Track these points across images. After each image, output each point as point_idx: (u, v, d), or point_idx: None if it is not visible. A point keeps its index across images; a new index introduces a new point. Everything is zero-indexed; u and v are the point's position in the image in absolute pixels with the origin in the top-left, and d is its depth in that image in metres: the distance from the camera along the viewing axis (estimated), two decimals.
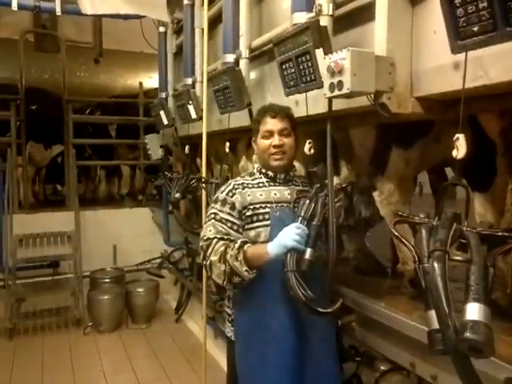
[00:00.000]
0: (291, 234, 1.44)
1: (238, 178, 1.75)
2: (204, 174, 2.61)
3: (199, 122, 2.78)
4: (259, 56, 2.24)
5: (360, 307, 1.70)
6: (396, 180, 1.81)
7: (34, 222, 4.20)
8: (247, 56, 2.20)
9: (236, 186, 1.68)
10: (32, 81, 4.96)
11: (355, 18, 1.60)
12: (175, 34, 3.56)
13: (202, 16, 2.64)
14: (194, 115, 2.80)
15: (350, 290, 1.77)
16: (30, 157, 4.92)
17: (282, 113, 1.71)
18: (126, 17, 3.44)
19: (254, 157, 2.00)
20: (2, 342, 3.61)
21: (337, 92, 1.37)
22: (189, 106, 2.81)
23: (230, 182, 1.74)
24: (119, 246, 4.44)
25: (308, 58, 1.53)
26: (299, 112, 1.79)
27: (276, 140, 1.66)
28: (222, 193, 1.68)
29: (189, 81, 2.94)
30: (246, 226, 1.63)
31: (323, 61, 1.46)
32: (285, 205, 1.66)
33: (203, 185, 2.49)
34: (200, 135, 2.76)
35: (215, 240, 1.59)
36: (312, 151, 1.74)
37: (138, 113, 5.16)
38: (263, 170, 1.72)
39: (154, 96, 4.91)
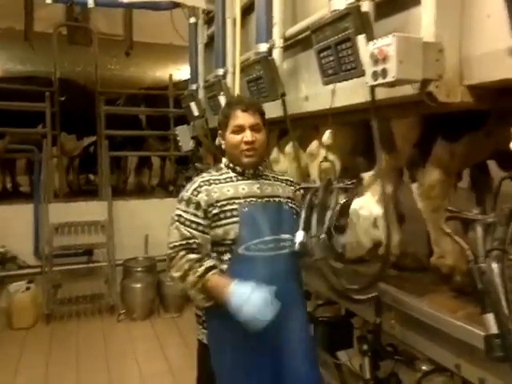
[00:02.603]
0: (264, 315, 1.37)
1: (205, 175, 1.65)
2: None
3: None
4: (293, 45, 2.17)
5: (400, 305, 1.63)
6: (438, 174, 1.71)
7: (69, 211, 4.27)
8: (281, 45, 2.13)
9: (201, 184, 1.58)
10: (65, 73, 5.03)
11: (398, 3, 1.51)
12: (206, 24, 3.50)
13: (234, 5, 2.58)
14: None
15: (389, 287, 1.69)
16: (62, 147, 5.01)
17: (254, 107, 1.63)
18: (157, 8, 3.40)
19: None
20: (39, 326, 3.72)
21: (380, 80, 1.29)
22: (220, 97, 2.77)
23: (195, 179, 1.63)
24: (150, 235, 4.47)
25: (349, 45, 1.45)
26: (336, 102, 1.72)
27: (248, 136, 1.57)
28: (186, 192, 1.59)
29: (220, 71, 2.89)
30: (213, 224, 1.54)
31: (365, 48, 1.38)
32: (254, 199, 1.57)
33: None
34: None
35: (180, 254, 1.51)
36: (330, 141, 1.68)
37: (167, 105, 5.16)
38: (231, 165, 1.64)
39: (182, 88, 4.89)
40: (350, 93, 1.61)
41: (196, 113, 3.39)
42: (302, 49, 2.11)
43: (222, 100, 2.73)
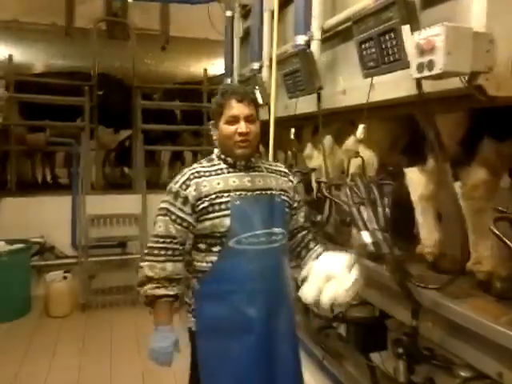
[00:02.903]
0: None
1: (195, 166, 1.60)
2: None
3: (265, 107, 2.72)
4: (332, 37, 2.12)
5: (439, 308, 1.56)
6: (483, 173, 1.63)
7: (105, 203, 4.38)
8: (319, 37, 2.09)
9: (191, 177, 1.53)
10: (103, 68, 5.14)
11: None
12: (242, 18, 3.48)
13: None
14: (260, 101, 2.72)
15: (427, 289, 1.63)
16: (100, 140, 5.14)
17: (249, 97, 1.58)
18: (195, 2, 3.41)
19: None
20: (75, 314, 3.84)
21: (426, 72, 1.23)
22: (255, 91, 2.75)
23: (184, 171, 1.58)
24: None
25: (392, 35, 1.39)
26: (375, 96, 1.66)
27: (243, 127, 1.51)
28: (175, 184, 1.54)
29: (256, 65, 2.87)
30: (202, 218, 1.51)
31: (410, 38, 1.32)
32: (243, 193, 1.53)
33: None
34: (265, 122, 2.69)
35: (161, 259, 1.53)
36: (363, 136, 1.63)
37: (201, 99, 5.18)
38: (222, 156, 1.59)
39: (216, 83, 4.91)
40: (392, 86, 1.55)
41: None
42: (341, 41, 2.05)
43: (258, 94, 2.71)
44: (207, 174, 1.55)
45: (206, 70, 5.30)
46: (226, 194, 1.51)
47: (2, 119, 3.50)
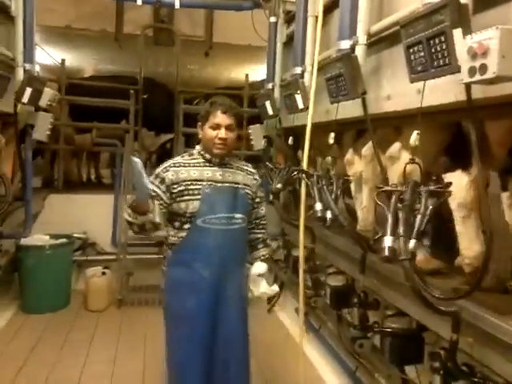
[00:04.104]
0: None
1: (177, 158, 1.99)
2: (305, 167, 2.52)
3: (305, 112, 2.71)
4: (377, 42, 2.09)
5: (481, 323, 1.49)
6: None
7: None
8: (364, 42, 2.06)
9: (172, 165, 1.93)
10: (148, 72, 5.29)
11: None
12: (286, 23, 3.51)
13: (317, 3, 2.55)
14: (301, 105, 2.73)
15: (468, 302, 1.56)
16: (142, 142, 5.28)
17: (232, 110, 1.93)
18: (240, 8, 3.46)
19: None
20: (112, 310, 3.94)
21: (478, 77, 1.19)
22: (296, 96, 2.75)
23: (169, 160, 1.97)
24: None
25: (443, 39, 1.35)
26: (423, 101, 1.61)
27: (222, 134, 1.89)
28: (159, 168, 1.95)
29: (298, 70, 2.87)
30: (178, 199, 1.89)
31: (461, 42, 1.28)
32: (214, 183, 1.92)
33: (303, 176, 2.41)
34: (304, 126, 2.68)
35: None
36: (418, 143, 1.59)
37: (241, 105, 5.23)
38: (202, 152, 1.97)
39: (256, 88, 4.94)
40: (440, 91, 1.51)
41: (270, 112, 3.40)
42: (387, 46, 2.02)
43: (299, 99, 2.71)
44: (186, 164, 1.94)
45: (247, 75, 5.35)
46: (199, 183, 1.90)
47: (53, 120, 3.65)
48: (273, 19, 3.54)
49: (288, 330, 3.63)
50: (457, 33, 1.32)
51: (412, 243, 1.43)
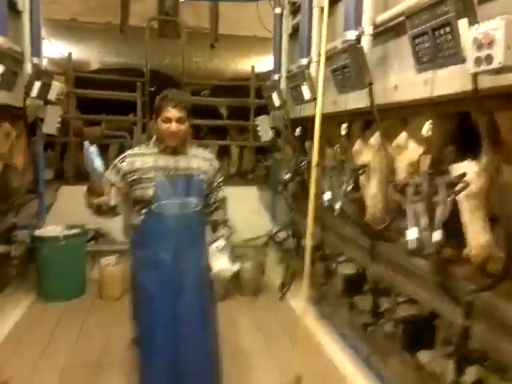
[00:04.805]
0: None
1: (135, 148, 2.10)
2: (315, 157, 2.53)
3: (312, 103, 2.72)
4: (383, 32, 2.10)
5: (493, 310, 1.52)
6: None
7: None
8: (370, 32, 2.07)
9: (128, 156, 2.04)
10: (154, 65, 5.30)
11: None
12: (291, 14, 3.50)
13: None
14: (307, 96, 2.75)
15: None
16: (150, 134, 5.32)
17: (182, 104, 2.00)
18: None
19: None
20: (125, 298, 3.91)
21: (484, 67, 1.21)
22: (303, 87, 2.76)
23: (127, 151, 2.10)
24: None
25: (448, 30, 1.37)
26: (428, 92, 1.63)
27: (173, 127, 1.98)
28: (116, 159, 2.07)
29: (304, 61, 2.89)
30: (135, 186, 1.99)
31: (467, 32, 1.30)
32: (167, 171, 2.02)
33: (316, 167, 2.43)
34: (312, 117, 2.69)
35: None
36: (430, 133, 1.60)
37: (247, 96, 5.23)
38: (157, 143, 2.07)
39: (263, 79, 4.94)
40: (447, 81, 1.52)
41: (277, 103, 3.42)
42: (393, 36, 2.03)
43: (305, 90, 2.73)
44: (141, 155, 2.05)
45: (253, 66, 5.33)
46: (153, 171, 2.01)
47: (62, 113, 3.69)
48: (278, 10, 3.54)
49: (299, 317, 3.68)
50: (462, 23, 1.33)
51: (437, 235, 1.43)
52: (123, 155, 2.08)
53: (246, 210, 4.82)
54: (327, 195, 2.35)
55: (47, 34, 4.40)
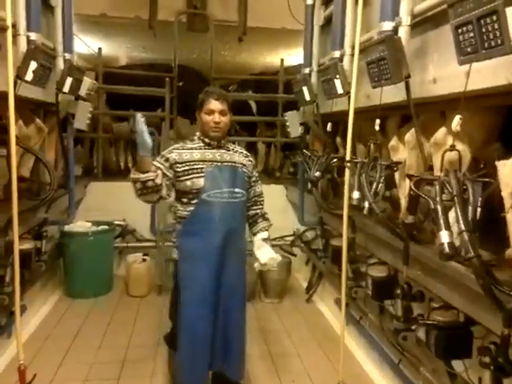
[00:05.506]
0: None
1: (179, 144, 2.29)
2: (348, 154, 2.48)
3: (345, 97, 2.67)
4: (421, 23, 2.02)
5: None
6: None
7: None
8: (408, 23, 2.00)
9: (175, 148, 2.24)
10: (182, 60, 5.32)
11: None
12: (323, 5, 3.44)
13: None
14: (340, 90, 2.70)
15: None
16: (178, 130, 5.36)
17: (223, 97, 2.25)
18: None
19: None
20: (152, 295, 4.09)
21: None
22: (335, 81, 2.71)
23: (174, 145, 2.30)
24: None
25: (494, 18, 1.30)
26: (471, 84, 1.56)
27: (216, 118, 2.20)
28: (164, 151, 2.25)
29: (337, 54, 2.83)
30: (183, 178, 2.17)
31: None
32: (215, 163, 2.21)
33: (348, 164, 2.38)
34: (344, 112, 2.64)
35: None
36: (459, 128, 1.54)
37: (276, 91, 5.19)
38: (201, 137, 2.27)
39: (292, 73, 4.89)
40: (492, 73, 1.45)
41: (308, 97, 3.37)
42: (432, 26, 1.95)
43: (338, 84, 2.68)
44: (188, 148, 2.24)
45: (282, 60, 5.29)
46: (201, 163, 2.20)
47: (92, 108, 3.77)
48: (309, 1, 3.48)
49: (328, 321, 3.65)
50: (510, 11, 1.26)
51: (468, 237, 1.38)
52: (170, 148, 2.26)
53: (273, 208, 4.74)
54: (355, 194, 2.30)
55: (77, 29, 4.50)
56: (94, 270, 4.02)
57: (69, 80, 3.17)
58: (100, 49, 5.14)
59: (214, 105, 2.20)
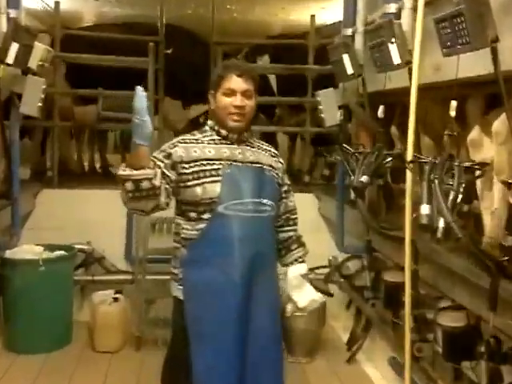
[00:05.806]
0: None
1: (187, 135, 2.28)
2: (411, 150, 2.48)
3: (404, 69, 2.68)
4: None
5: None
6: None
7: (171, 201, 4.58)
8: None
9: (181, 141, 2.22)
10: (170, 17, 5.39)
11: None
12: None
13: None
14: (397, 60, 2.71)
15: None
16: (165, 117, 5.40)
17: (249, 73, 2.22)
18: None
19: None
20: (127, 352, 4.05)
21: None
22: (390, 46, 2.73)
23: (176, 138, 2.28)
24: None
25: None
26: None
27: (238, 100, 2.17)
28: (165, 145, 2.23)
29: (392, 8, 2.85)
30: (191, 183, 2.14)
31: None
32: (234, 164, 2.19)
33: (410, 165, 2.38)
34: (402, 90, 2.63)
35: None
36: None
37: (304, 60, 5.22)
38: (216, 128, 2.25)
39: (327, 36, 4.92)
40: None
41: (350, 70, 3.40)
42: None
43: (394, 50, 2.69)
44: (199, 141, 2.23)
45: (313, 16, 5.34)
46: (217, 162, 2.16)
47: (45, 86, 3.79)
48: None
49: None
50: None
51: None
52: (173, 141, 2.23)
53: (300, 227, 4.74)
54: (425, 208, 2.27)
55: None
56: (46, 314, 4.03)
57: (14, 46, 3.22)
58: (58, 3, 5.23)
59: (236, 83, 2.18)
